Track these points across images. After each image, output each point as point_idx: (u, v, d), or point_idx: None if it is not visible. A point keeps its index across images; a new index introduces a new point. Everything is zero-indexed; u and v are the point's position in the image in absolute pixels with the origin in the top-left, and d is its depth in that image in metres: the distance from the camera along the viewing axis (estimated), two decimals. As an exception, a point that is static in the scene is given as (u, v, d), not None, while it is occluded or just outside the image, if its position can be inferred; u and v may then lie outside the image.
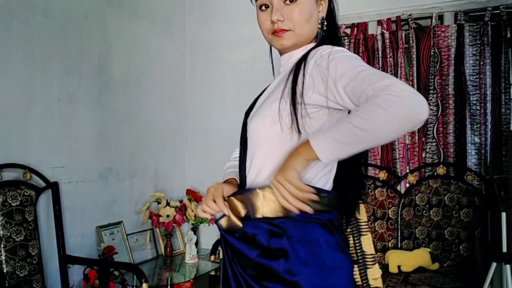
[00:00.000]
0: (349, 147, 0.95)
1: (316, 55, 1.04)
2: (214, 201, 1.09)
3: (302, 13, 1.09)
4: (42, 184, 2.36)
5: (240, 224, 1.07)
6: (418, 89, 2.89)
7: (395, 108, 0.89)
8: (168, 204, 3.01)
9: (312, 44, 1.13)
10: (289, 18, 1.09)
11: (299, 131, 1.04)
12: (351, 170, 1.16)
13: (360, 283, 1.15)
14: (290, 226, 1.03)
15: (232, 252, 1.10)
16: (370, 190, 2.86)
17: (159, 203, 3.03)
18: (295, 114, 1.04)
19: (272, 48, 1.21)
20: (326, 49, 1.04)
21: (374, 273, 1.15)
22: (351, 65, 0.99)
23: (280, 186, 0.98)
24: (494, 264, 2.11)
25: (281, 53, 1.19)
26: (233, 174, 1.23)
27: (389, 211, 2.80)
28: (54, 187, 2.39)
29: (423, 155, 2.90)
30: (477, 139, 2.74)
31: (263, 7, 1.12)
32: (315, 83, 1.02)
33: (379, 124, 0.91)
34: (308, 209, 0.99)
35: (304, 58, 1.08)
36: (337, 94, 0.99)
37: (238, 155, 1.23)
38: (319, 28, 1.14)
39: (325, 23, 1.14)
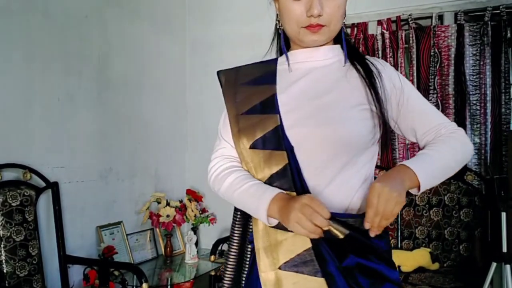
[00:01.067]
0: (436, 181, 1.03)
1: (387, 70, 1.09)
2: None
3: (341, 8, 1.03)
4: (42, 184, 2.36)
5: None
6: (418, 89, 2.87)
7: (466, 153, 1.07)
8: (168, 204, 3.01)
9: (335, 45, 1.11)
10: (327, 12, 1.01)
11: (385, 144, 1.11)
12: None
13: None
14: None
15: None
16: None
17: (159, 203, 3.03)
18: (386, 127, 1.07)
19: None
20: (387, 64, 1.12)
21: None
22: (418, 94, 1.10)
23: (386, 201, 0.90)
24: (494, 264, 2.11)
25: (296, 47, 1.11)
26: (275, 188, 1.03)
27: (389, 211, 2.80)
28: (54, 187, 2.39)
29: (423, 155, 2.89)
30: (477, 139, 2.74)
31: None
32: (392, 102, 1.07)
33: (456, 163, 1.05)
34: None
35: (363, 63, 1.08)
36: (403, 118, 1.08)
37: (237, 165, 1.11)
38: (343, 23, 1.08)
39: (345, 18, 1.09)
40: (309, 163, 1.01)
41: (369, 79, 1.05)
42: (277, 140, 1.02)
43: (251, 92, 1.11)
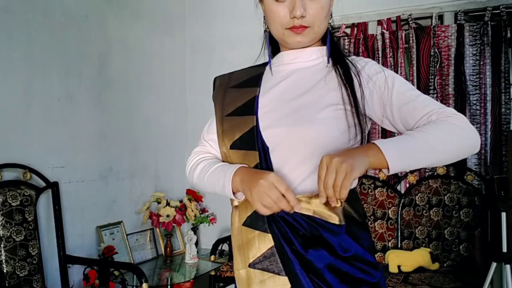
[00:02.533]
0: (416, 163, 0.95)
1: (366, 68, 1.05)
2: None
3: (324, 9, 1.02)
4: (42, 184, 2.36)
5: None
6: (418, 89, 2.87)
7: (467, 139, 0.96)
8: (168, 204, 3.01)
9: (322, 46, 1.10)
10: (310, 13, 1.01)
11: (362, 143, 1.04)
12: None
13: None
14: None
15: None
16: (370, 190, 2.86)
17: (159, 203, 3.03)
18: (361, 126, 1.02)
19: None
20: (371, 62, 1.07)
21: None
22: (408, 86, 1.04)
23: (334, 172, 0.87)
24: (494, 264, 2.11)
25: (284, 49, 1.12)
26: (240, 164, 1.06)
27: (389, 211, 2.80)
28: (54, 187, 2.39)
29: (423, 155, 2.89)
30: (477, 139, 2.73)
31: None
32: (374, 99, 1.03)
33: (451, 149, 0.95)
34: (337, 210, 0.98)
35: (343, 64, 1.06)
36: (390, 113, 1.02)
37: (209, 157, 1.14)
38: (329, 24, 1.08)
39: (332, 19, 1.09)
40: (283, 164, 1.02)
41: (347, 78, 1.04)
42: (251, 141, 1.04)
43: (237, 95, 1.13)
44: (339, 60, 1.08)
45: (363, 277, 1.00)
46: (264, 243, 1.01)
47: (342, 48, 1.10)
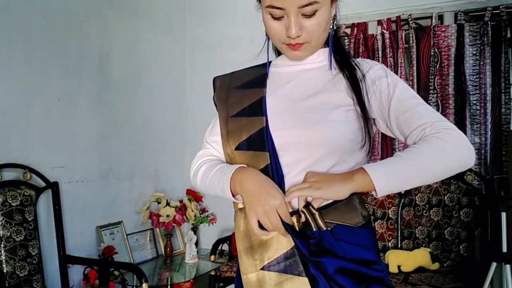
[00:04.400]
0: (405, 184, 0.95)
1: (371, 72, 1.04)
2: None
3: (322, 25, 1.00)
4: (42, 184, 2.36)
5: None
6: (418, 89, 2.89)
7: (459, 156, 0.95)
8: (168, 204, 3.01)
9: (326, 48, 1.10)
10: (306, 31, 0.99)
11: (370, 150, 1.04)
12: None
13: None
14: None
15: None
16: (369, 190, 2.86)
17: (159, 203, 3.03)
18: (368, 129, 1.02)
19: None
20: (376, 65, 1.06)
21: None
22: (409, 94, 1.02)
23: (308, 190, 0.93)
24: (494, 264, 2.11)
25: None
26: (239, 164, 1.05)
27: (389, 211, 2.80)
28: (54, 187, 2.39)
29: (423, 155, 2.89)
30: (477, 139, 2.74)
31: (275, 15, 0.99)
32: (374, 104, 1.03)
33: (441, 167, 0.95)
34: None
35: (350, 66, 1.05)
36: (388, 120, 1.02)
37: (212, 159, 1.13)
38: (330, 29, 1.06)
39: (335, 21, 1.08)
40: (294, 165, 1.01)
41: (354, 82, 1.03)
42: (261, 142, 1.02)
43: (241, 95, 1.11)
44: (345, 63, 1.07)
45: (372, 274, 0.99)
46: (283, 244, 0.99)
47: (348, 50, 1.10)
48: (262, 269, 0.99)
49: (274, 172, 1.00)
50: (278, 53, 1.16)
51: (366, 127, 1.01)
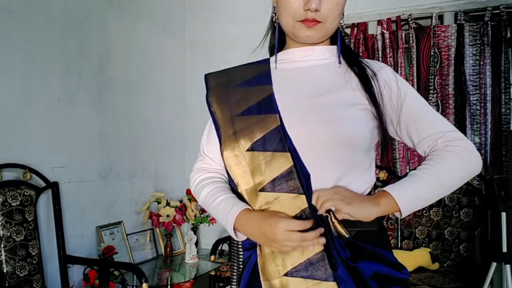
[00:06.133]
0: (427, 203, 0.99)
1: (383, 73, 1.04)
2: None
3: (339, 6, 1.01)
4: (42, 184, 2.36)
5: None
6: (418, 89, 2.89)
7: (472, 167, 1.00)
8: (168, 204, 3.01)
9: (332, 46, 1.09)
10: (325, 8, 0.98)
11: (385, 150, 1.05)
12: None
13: None
14: None
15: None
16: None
17: (159, 203, 3.03)
18: (382, 129, 1.02)
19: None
20: (386, 67, 1.06)
21: None
22: (419, 101, 1.04)
23: (340, 203, 0.93)
24: (494, 264, 2.11)
25: (292, 45, 1.09)
26: (240, 201, 1.03)
27: (389, 211, 2.80)
28: (54, 187, 2.39)
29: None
30: (477, 139, 2.74)
31: None
32: (385, 106, 1.03)
33: (457, 182, 0.99)
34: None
35: (359, 65, 1.05)
36: (397, 125, 1.03)
37: (218, 170, 1.11)
38: (340, 23, 1.06)
39: (343, 18, 1.07)
40: (313, 163, 0.97)
41: (365, 81, 1.02)
42: (279, 141, 0.98)
43: (247, 93, 1.06)
44: (353, 61, 1.07)
45: (395, 275, 0.99)
46: (308, 248, 0.95)
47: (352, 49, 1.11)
48: (286, 275, 0.96)
49: (299, 172, 0.96)
50: (272, 52, 1.14)
51: (381, 125, 1.02)
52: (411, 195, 0.95)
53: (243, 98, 1.06)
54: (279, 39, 1.10)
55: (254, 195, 0.99)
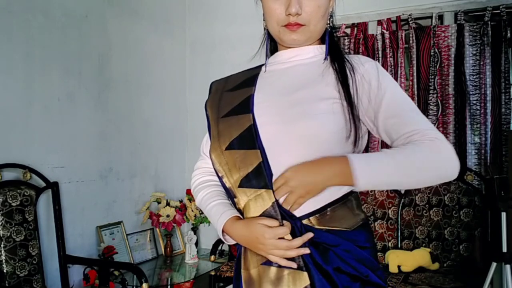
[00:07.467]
0: (386, 185, 0.97)
1: (362, 68, 1.03)
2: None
3: (321, 8, 1.02)
4: (42, 184, 2.36)
5: None
6: (418, 89, 2.89)
7: (444, 167, 0.95)
8: (168, 204, 3.01)
9: (321, 45, 1.10)
10: (306, 11, 1.01)
11: (357, 142, 1.01)
12: None
13: None
14: None
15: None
16: (370, 190, 2.86)
17: (159, 203, 3.03)
18: (355, 124, 1.00)
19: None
20: (369, 62, 1.04)
21: None
22: (400, 97, 1.01)
23: (293, 197, 0.96)
24: (494, 264, 2.11)
25: (281, 48, 1.11)
26: (230, 207, 1.07)
27: (389, 211, 2.80)
28: (54, 187, 2.39)
29: (423, 155, 2.89)
30: (477, 139, 2.74)
31: None
32: (363, 101, 1.02)
33: (424, 177, 0.95)
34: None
35: (340, 60, 1.04)
36: (376, 120, 1.01)
37: (209, 168, 1.15)
38: (327, 24, 1.08)
39: (332, 19, 1.08)
40: (280, 161, 0.99)
41: (342, 75, 1.03)
42: (251, 139, 1.02)
43: (233, 96, 1.12)
44: (336, 57, 1.07)
45: (370, 278, 0.99)
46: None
47: (342, 47, 1.11)
48: (264, 263, 0.99)
49: (267, 169, 1.00)
50: (273, 52, 1.16)
51: (352, 119, 1.00)
52: (373, 170, 0.93)
53: (229, 101, 1.12)
54: (273, 43, 1.15)
55: (237, 192, 1.04)
